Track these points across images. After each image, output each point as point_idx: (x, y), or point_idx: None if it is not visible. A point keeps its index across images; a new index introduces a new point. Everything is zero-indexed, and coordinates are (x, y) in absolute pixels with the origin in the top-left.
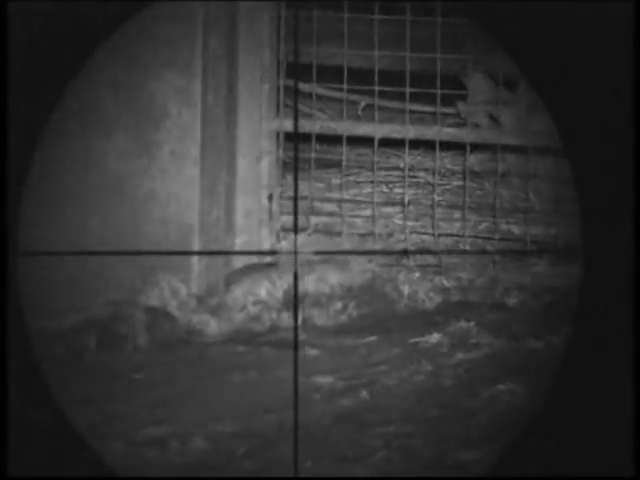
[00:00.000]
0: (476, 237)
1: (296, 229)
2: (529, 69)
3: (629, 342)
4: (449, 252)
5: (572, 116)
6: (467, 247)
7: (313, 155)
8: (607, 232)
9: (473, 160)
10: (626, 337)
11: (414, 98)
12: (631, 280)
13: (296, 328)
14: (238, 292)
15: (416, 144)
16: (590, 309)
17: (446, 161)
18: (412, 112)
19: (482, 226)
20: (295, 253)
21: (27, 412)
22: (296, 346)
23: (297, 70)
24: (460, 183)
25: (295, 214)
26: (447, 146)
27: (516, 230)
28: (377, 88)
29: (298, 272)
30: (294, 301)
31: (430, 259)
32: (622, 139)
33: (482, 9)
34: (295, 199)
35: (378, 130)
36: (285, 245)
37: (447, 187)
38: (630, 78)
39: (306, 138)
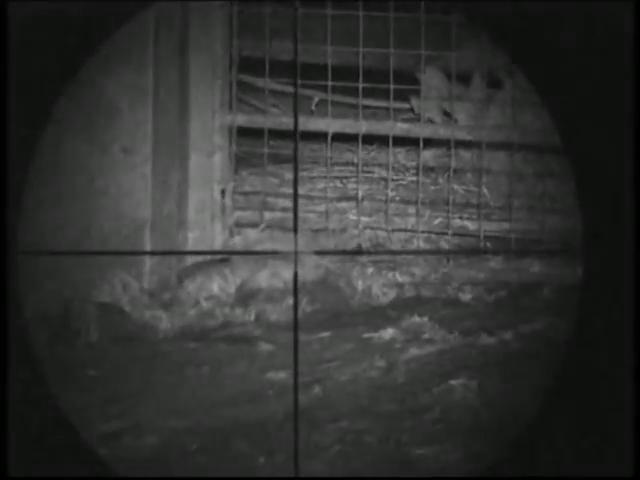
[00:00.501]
0: (430, 232)
1: (296, 228)
2: (529, 69)
3: (629, 342)
4: (442, 252)
5: (572, 115)
6: (421, 243)
7: (266, 150)
8: (606, 231)
9: (427, 155)
10: (626, 336)
11: (367, 93)
12: (631, 279)
13: (296, 328)
14: (191, 287)
15: (370, 139)
16: (590, 308)
17: (400, 156)
18: (365, 107)
19: (436, 221)
20: (295, 253)
21: (28, 412)
22: (296, 346)
23: (296, 70)
24: (414, 178)
25: (295, 212)
26: (401, 141)
27: (470, 225)
28: (330, 83)
29: (297, 271)
30: (294, 301)
31: (383, 254)
32: (622, 138)
33: (482, 9)
34: (295, 197)
35: (331, 125)
36: (238, 240)
37: (401, 182)
38: (630, 77)
39: (259, 133)
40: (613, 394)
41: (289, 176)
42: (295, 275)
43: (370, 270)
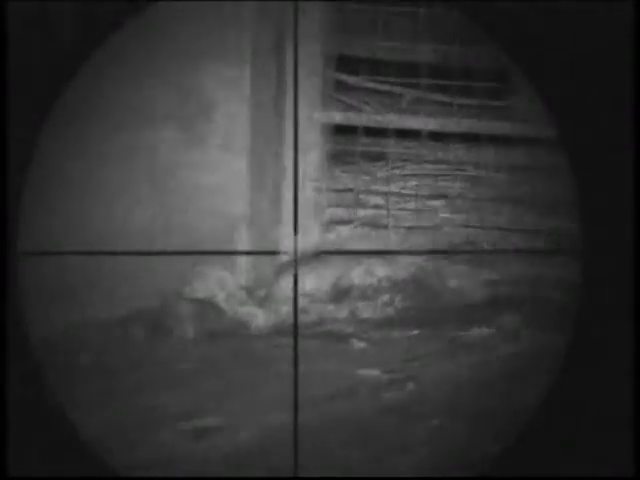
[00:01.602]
0: (523, 231)
1: (296, 229)
2: (530, 68)
3: (629, 342)
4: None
5: (572, 115)
6: (514, 241)
7: (360, 148)
8: (609, 231)
9: (520, 154)
10: (626, 337)
11: (461, 91)
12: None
13: (296, 327)
14: (285, 284)
15: (463, 137)
16: (592, 308)
17: (493, 154)
18: (459, 105)
19: (529, 220)
20: (295, 252)
21: (27, 412)
22: (295, 344)
23: (297, 65)
24: (507, 177)
25: (295, 212)
26: (494, 139)
27: (563, 225)
28: (424, 81)
29: (298, 272)
30: (294, 302)
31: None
32: (622, 138)
33: (482, 7)
34: (295, 196)
35: (425, 123)
36: (332, 237)
37: (493, 180)
38: (630, 77)
39: (353, 131)
40: (613, 394)
41: (381, 174)
42: (295, 276)
43: (463, 268)
